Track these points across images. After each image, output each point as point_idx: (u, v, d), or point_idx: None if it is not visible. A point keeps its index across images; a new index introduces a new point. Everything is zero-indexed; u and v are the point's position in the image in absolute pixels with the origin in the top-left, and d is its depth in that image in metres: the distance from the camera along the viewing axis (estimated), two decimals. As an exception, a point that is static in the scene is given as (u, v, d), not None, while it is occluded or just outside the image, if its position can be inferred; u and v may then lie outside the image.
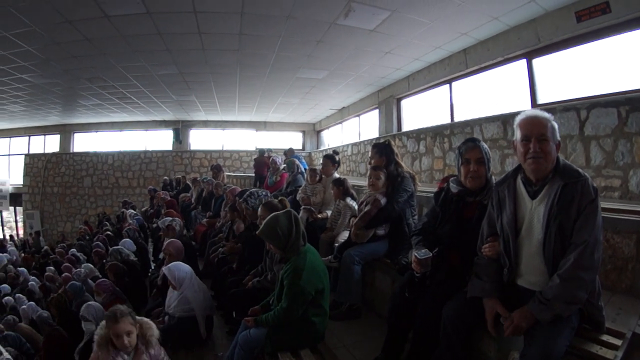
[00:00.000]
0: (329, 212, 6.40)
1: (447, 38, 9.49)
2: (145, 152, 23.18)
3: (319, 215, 6.55)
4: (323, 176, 7.21)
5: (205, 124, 22.54)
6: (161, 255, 7.57)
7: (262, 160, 13.96)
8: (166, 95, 15.86)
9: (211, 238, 8.32)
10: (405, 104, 13.85)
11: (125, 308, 3.80)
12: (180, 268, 5.11)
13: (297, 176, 8.58)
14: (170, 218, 7.91)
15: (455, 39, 9.49)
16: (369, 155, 5.37)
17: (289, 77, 12.84)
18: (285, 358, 3.69)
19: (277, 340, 3.77)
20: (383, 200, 4.77)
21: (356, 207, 5.63)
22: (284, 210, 4.06)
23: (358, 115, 17.38)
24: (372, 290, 5.12)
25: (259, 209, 5.09)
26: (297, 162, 9.15)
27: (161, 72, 12.45)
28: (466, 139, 3.34)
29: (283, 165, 9.90)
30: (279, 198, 5.35)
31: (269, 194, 6.80)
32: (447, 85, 11.44)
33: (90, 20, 8.58)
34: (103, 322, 3.72)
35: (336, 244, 5.40)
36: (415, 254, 3.16)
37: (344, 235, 5.51)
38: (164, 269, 5.21)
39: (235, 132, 23.33)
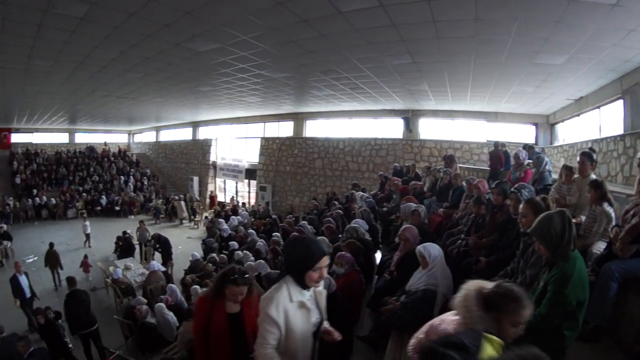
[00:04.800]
0: (583, 218, 5.86)
1: None
2: (376, 139, 23.84)
3: (573, 220, 5.99)
4: (576, 176, 6.67)
5: (435, 113, 22.15)
6: (397, 239, 7.68)
7: (497, 153, 13.40)
8: (398, 85, 16.01)
9: (447, 229, 8.23)
10: (656, 93, 11.97)
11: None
12: (434, 247, 5.44)
13: (544, 174, 8.07)
14: (415, 204, 8.11)
15: None
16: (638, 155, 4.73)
17: (525, 63, 11.92)
18: (522, 367, 3.43)
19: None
20: (654, 213, 4.22)
21: (613, 214, 5.09)
22: (557, 210, 3.83)
23: (598, 107, 15.17)
24: (619, 314, 4.52)
25: (521, 205, 4.79)
26: (546, 158, 8.64)
27: (395, 62, 12.53)
28: None
29: (528, 161, 9.40)
30: (542, 197, 5.02)
31: (533, 190, 6.40)
32: None
33: (324, 18, 8.99)
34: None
35: (593, 256, 4.91)
36: None
37: (598, 246, 5.03)
38: (419, 246, 5.48)
39: (464, 123, 22.46)
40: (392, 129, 23.83)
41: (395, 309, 5.25)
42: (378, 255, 9.11)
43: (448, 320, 2.97)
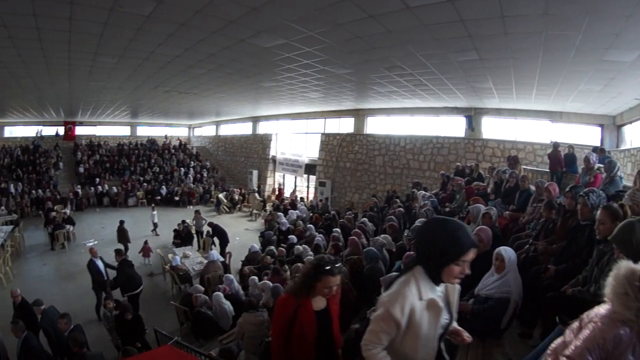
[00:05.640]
0: (658, 227, 5.60)
1: None
2: (437, 137, 23.40)
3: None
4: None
5: (498, 112, 21.49)
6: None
7: (556, 154, 12.99)
8: (462, 82, 15.71)
9: (514, 233, 8.06)
10: None
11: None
12: (512, 251, 5.32)
13: (615, 179, 7.74)
14: (484, 206, 8.10)
15: None
16: None
17: (593, 60, 11.32)
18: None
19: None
20: None
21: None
22: (639, 218, 3.66)
23: (669, 108, 14.66)
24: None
25: (599, 212, 4.63)
26: (617, 163, 8.30)
27: (461, 58, 12.28)
28: None
29: (598, 165, 9.08)
30: (619, 203, 4.77)
31: (602, 195, 6.06)
32: None
33: (392, 13, 8.85)
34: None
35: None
36: None
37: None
38: (500, 248, 5.34)
39: (527, 122, 21.58)
40: (453, 127, 23.28)
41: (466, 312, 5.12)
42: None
43: (595, 313, 2.81)
